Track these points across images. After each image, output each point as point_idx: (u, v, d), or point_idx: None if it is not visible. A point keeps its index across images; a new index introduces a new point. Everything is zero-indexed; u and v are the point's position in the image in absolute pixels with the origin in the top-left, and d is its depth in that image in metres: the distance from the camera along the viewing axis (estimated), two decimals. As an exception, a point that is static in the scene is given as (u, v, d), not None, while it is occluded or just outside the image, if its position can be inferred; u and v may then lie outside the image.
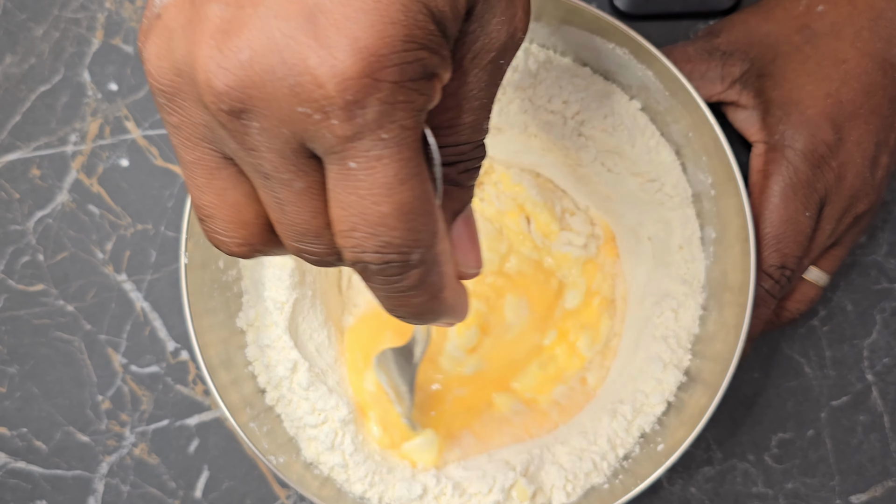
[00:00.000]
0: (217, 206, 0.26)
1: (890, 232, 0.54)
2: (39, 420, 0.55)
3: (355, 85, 0.21)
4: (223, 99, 0.22)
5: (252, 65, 0.22)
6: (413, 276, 0.25)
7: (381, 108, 0.22)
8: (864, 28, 0.47)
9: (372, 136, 0.22)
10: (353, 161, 0.23)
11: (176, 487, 0.54)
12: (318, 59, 0.21)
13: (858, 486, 0.54)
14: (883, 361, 0.54)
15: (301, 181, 0.24)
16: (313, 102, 0.22)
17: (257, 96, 0.22)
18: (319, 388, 0.49)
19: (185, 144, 0.25)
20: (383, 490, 0.49)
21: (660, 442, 0.48)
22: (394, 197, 0.23)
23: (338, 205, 0.23)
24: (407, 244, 0.24)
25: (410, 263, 0.24)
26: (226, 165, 0.25)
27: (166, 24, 0.24)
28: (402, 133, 0.22)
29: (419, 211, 0.23)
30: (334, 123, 0.22)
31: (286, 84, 0.22)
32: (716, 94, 0.49)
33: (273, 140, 0.23)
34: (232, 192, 0.25)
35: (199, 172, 0.25)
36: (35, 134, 0.56)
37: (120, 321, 0.55)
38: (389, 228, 0.23)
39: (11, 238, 0.55)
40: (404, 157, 0.23)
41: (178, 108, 0.24)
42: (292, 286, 0.49)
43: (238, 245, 0.26)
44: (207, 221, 0.26)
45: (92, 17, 0.56)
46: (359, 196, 0.23)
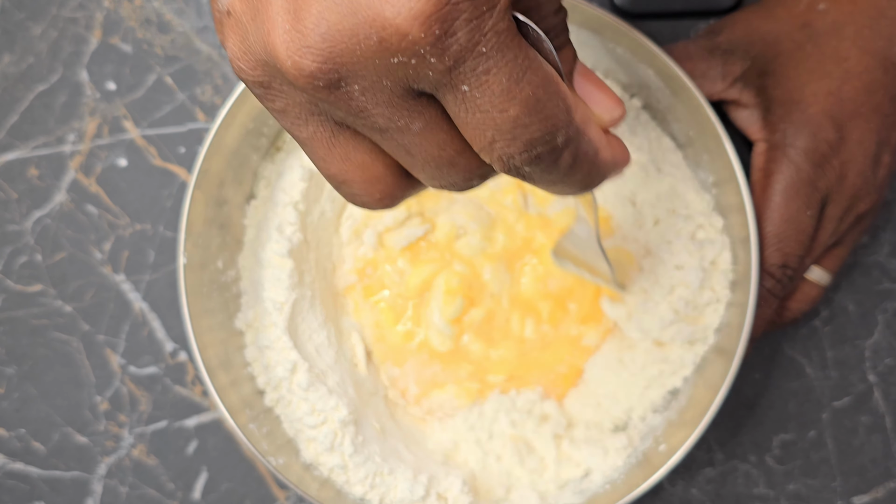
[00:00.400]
0: (347, 172, 0.26)
1: (892, 232, 0.54)
2: (37, 421, 0.55)
3: (437, 18, 0.21)
4: (316, 76, 0.23)
5: (332, 35, 0.22)
6: (566, 156, 0.25)
7: (469, 27, 0.22)
8: (866, 26, 0.47)
9: (472, 55, 0.22)
10: (465, 84, 0.23)
11: (174, 489, 0.54)
12: (394, 9, 0.21)
13: (860, 488, 0.53)
14: (885, 362, 0.54)
15: (418, 122, 0.24)
16: (405, 50, 0.22)
17: (348, 62, 0.22)
18: (319, 389, 0.48)
19: (295, 124, 0.25)
20: (384, 492, 0.48)
21: (661, 443, 0.48)
22: (517, 97, 0.23)
23: (467, 127, 0.24)
24: (548, 132, 0.24)
25: (559, 147, 0.24)
26: (340, 131, 0.25)
27: (237, 19, 0.24)
28: (498, 38, 0.22)
29: (546, 97, 0.23)
30: (433, 61, 0.22)
31: (372, 42, 0.22)
32: (717, 93, 0.49)
33: (378, 95, 0.23)
34: (356, 154, 0.26)
35: (318, 145, 0.26)
36: (33, 133, 0.56)
37: (118, 322, 0.55)
38: (526, 127, 0.23)
39: (9, 238, 0.55)
40: (510, 59, 0.23)
41: (276, 94, 0.25)
42: (291, 287, 0.49)
43: (379, 200, 0.27)
44: (343, 187, 0.26)
45: (90, 16, 0.56)
46: (483, 112, 0.23)
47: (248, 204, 0.51)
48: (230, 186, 0.49)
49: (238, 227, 0.50)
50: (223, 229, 0.49)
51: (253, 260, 0.50)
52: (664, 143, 0.50)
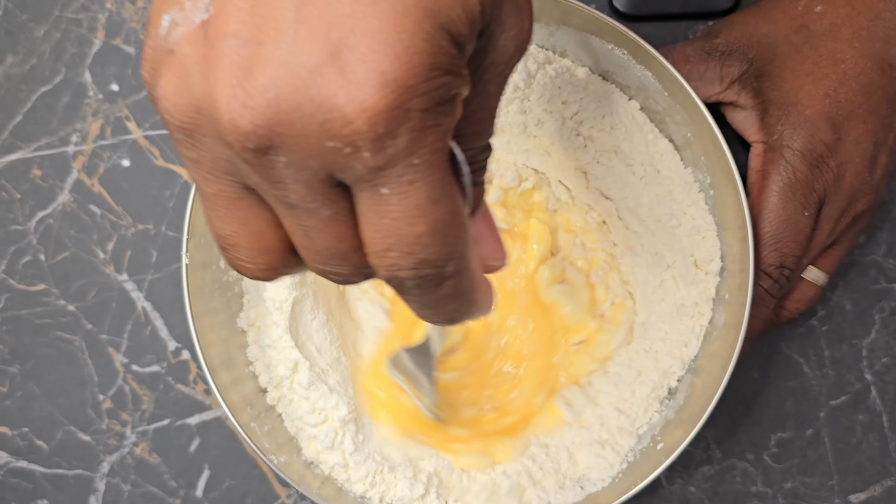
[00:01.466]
0: (240, 236, 0.26)
1: (889, 232, 0.54)
2: (41, 419, 0.55)
3: (385, 118, 0.22)
4: (249, 138, 0.22)
5: (278, 103, 0.22)
6: (448, 285, 0.25)
7: (411, 136, 0.22)
8: (863, 28, 0.47)
9: (403, 163, 0.22)
10: (385, 188, 0.23)
11: (177, 487, 0.54)
12: (347, 95, 0.21)
13: (857, 486, 0.54)
14: (882, 361, 0.54)
15: (328, 209, 0.24)
16: (343, 138, 0.22)
17: (285, 133, 0.22)
18: (320, 388, 0.49)
19: (205, 178, 0.25)
20: (384, 490, 0.49)
21: (659, 441, 0.48)
22: (428, 217, 0.23)
23: (370, 228, 0.24)
24: (442, 258, 0.24)
25: (445, 275, 0.25)
26: (247, 195, 0.25)
27: (180, 60, 0.23)
28: (433, 156, 0.23)
29: (452, 225, 0.24)
30: (366, 156, 0.22)
31: (315, 121, 0.22)
32: (714, 95, 0.49)
33: (300, 172, 0.23)
34: (255, 221, 0.25)
35: (221, 204, 0.25)
36: (36, 134, 0.56)
37: (121, 321, 0.55)
38: (424, 246, 0.23)
39: (12, 238, 0.55)
40: (435, 178, 0.23)
41: (197, 143, 0.24)
42: (292, 286, 0.49)
43: (262, 270, 0.26)
44: (231, 250, 0.26)
45: (93, 17, 0.56)
46: (392, 219, 0.23)
47: (249, 204, 0.51)
48: (232, 187, 0.49)
49: (240, 227, 0.51)
50: (225, 229, 0.50)
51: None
52: (661, 145, 0.50)
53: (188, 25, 0.23)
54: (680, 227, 0.50)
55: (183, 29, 0.23)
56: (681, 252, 0.50)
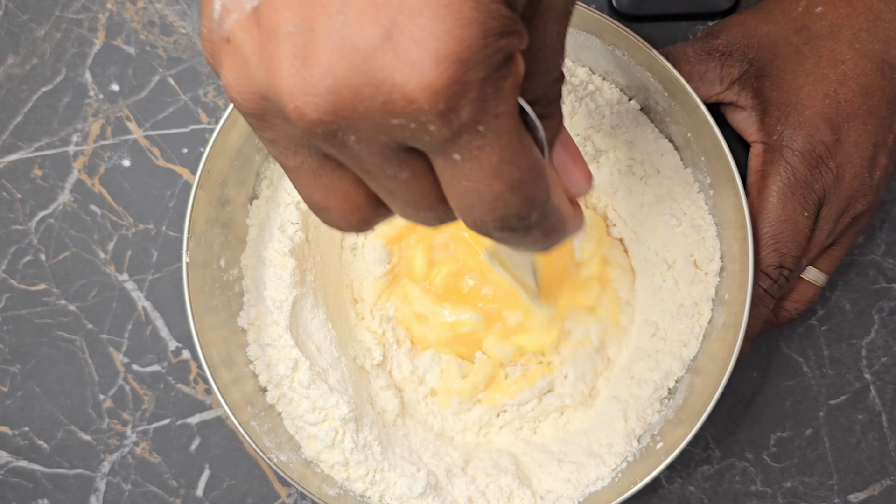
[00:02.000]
0: (329, 199, 0.26)
1: (888, 231, 0.55)
2: (41, 419, 0.55)
3: (445, 94, 0.22)
4: (316, 124, 0.23)
5: (338, 90, 0.22)
6: (536, 230, 0.26)
7: (473, 107, 0.22)
8: (863, 29, 0.47)
9: (470, 131, 0.23)
10: (457, 154, 0.23)
11: (177, 486, 0.55)
12: (404, 76, 0.21)
13: (856, 485, 0.54)
14: (881, 361, 0.54)
15: (406, 172, 0.24)
16: (408, 115, 0.22)
17: (350, 117, 0.22)
18: (320, 387, 0.49)
19: (284, 154, 0.25)
20: (384, 489, 0.49)
21: (658, 440, 0.48)
22: (504, 177, 0.23)
23: (450, 189, 0.24)
24: (525, 210, 0.24)
25: (532, 224, 0.25)
26: (327, 163, 0.26)
27: (238, 49, 0.24)
28: (497, 121, 0.23)
29: (529, 181, 0.24)
30: (432, 129, 0.22)
31: (377, 103, 0.22)
32: (714, 95, 0.49)
33: (372, 146, 0.23)
34: (339, 185, 0.26)
35: (305, 174, 0.26)
36: (37, 134, 0.56)
37: (121, 321, 0.55)
38: (505, 203, 0.24)
39: (13, 238, 0.56)
40: (504, 142, 0.23)
41: (270, 125, 0.25)
42: (293, 285, 0.49)
43: (355, 226, 0.27)
44: (323, 213, 0.27)
45: (94, 17, 0.56)
46: (469, 181, 0.23)
47: (250, 203, 0.51)
48: (233, 186, 0.50)
49: (241, 227, 0.51)
50: (226, 228, 0.50)
51: (255, 259, 0.51)
52: (661, 145, 0.51)
53: (240, 12, 0.23)
54: (680, 226, 0.50)
55: (236, 16, 0.24)
56: (681, 252, 0.50)
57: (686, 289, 0.50)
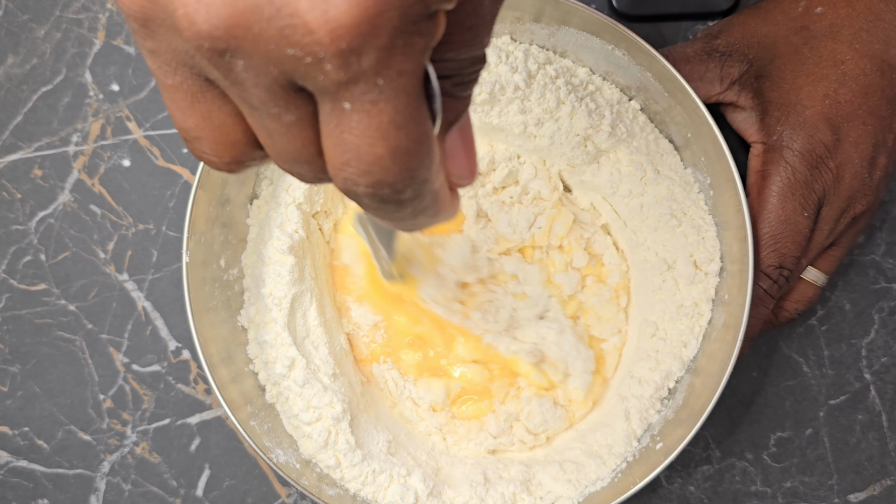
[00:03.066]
0: (203, 129, 0.24)
1: (888, 232, 0.55)
2: (41, 419, 0.55)
3: (351, 33, 0.20)
4: (204, 37, 0.21)
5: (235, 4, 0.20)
6: (406, 206, 0.24)
7: (378, 56, 0.21)
8: (863, 29, 0.47)
9: (368, 82, 0.21)
10: (347, 103, 0.21)
11: (177, 486, 0.55)
12: (309, 5, 0.20)
13: (856, 485, 0.54)
14: (881, 361, 0.54)
15: (291, 114, 0.23)
16: (304, 47, 0.20)
17: (242, 36, 0.21)
18: (315, 386, 0.49)
19: (163, 69, 0.23)
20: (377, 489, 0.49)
21: (658, 440, 0.49)
22: (390, 140, 0.22)
23: (330, 140, 0.22)
24: (401, 182, 0.23)
25: (403, 198, 0.24)
26: (209, 88, 0.24)
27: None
28: (400, 78, 0.21)
29: (415, 152, 0.23)
30: (328, 68, 0.21)
31: (274, 26, 0.20)
32: (714, 95, 0.49)
33: (260, 78, 0.22)
34: (217, 114, 0.24)
35: (182, 97, 0.24)
36: (37, 134, 0.56)
37: (121, 321, 0.55)
38: (383, 168, 0.22)
39: (13, 238, 0.56)
40: (401, 102, 0.22)
41: (153, 33, 0.23)
42: (291, 282, 0.49)
43: (226, 163, 0.25)
44: (194, 143, 0.25)
45: (93, 17, 0.56)
46: (353, 136, 0.22)
47: (250, 203, 0.51)
48: (233, 186, 0.50)
49: (241, 226, 0.51)
50: (226, 228, 0.50)
51: (255, 258, 0.51)
52: (662, 145, 0.51)
53: None
54: (680, 226, 0.50)
55: None
56: (681, 252, 0.50)
57: (686, 289, 0.50)
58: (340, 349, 0.51)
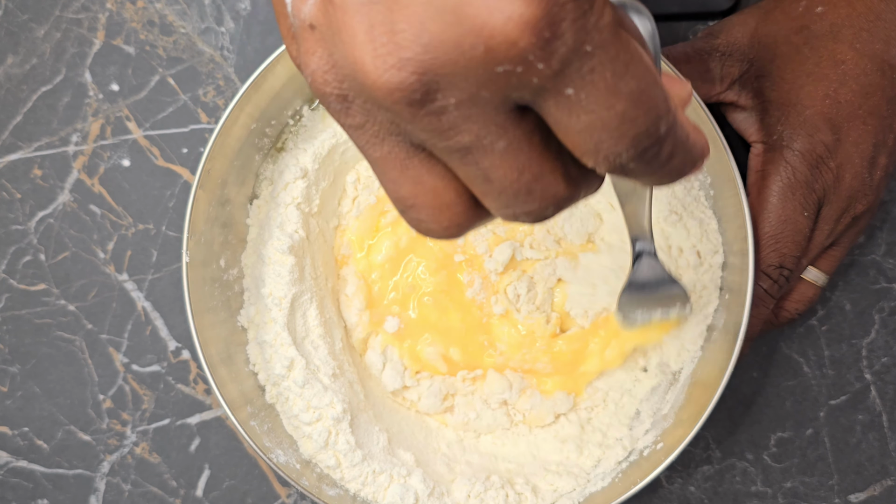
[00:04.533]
0: (417, 195, 0.25)
1: (888, 232, 0.55)
2: (41, 419, 0.55)
3: (546, 22, 0.21)
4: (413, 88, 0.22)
5: (435, 46, 0.21)
6: (667, 145, 0.24)
7: (576, 27, 0.21)
8: (863, 29, 0.47)
9: (578, 56, 0.21)
10: (570, 87, 0.22)
11: (177, 486, 0.55)
12: (502, 15, 0.20)
13: (857, 485, 0.54)
14: (881, 361, 0.54)
15: (504, 140, 0.23)
16: (513, 58, 0.21)
17: (450, 73, 0.21)
18: (314, 386, 0.49)
19: (370, 143, 0.25)
20: (377, 489, 0.49)
21: (659, 441, 0.48)
22: (622, 92, 0.22)
23: (572, 133, 0.23)
24: (653, 123, 0.23)
25: (662, 137, 0.24)
26: (416, 153, 0.24)
27: (320, 32, 0.23)
28: (601, 34, 0.22)
29: (647, 87, 0.23)
30: (540, 67, 0.21)
31: (479, 52, 0.21)
32: (715, 95, 0.49)
33: (472, 108, 0.22)
34: (429, 178, 0.25)
35: (392, 166, 0.25)
36: (36, 134, 0.56)
37: (121, 321, 0.55)
38: (632, 120, 0.23)
39: (13, 238, 0.56)
40: (613, 54, 0.22)
41: (357, 111, 0.24)
42: (291, 282, 0.49)
43: (445, 228, 0.26)
44: (410, 212, 0.26)
45: (93, 17, 0.56)
46: (589, 112, 0.22)
47: (250, 203, 0.51)
48: (233, 186, 0.50)
49: (241, 226, 0.51)
50: (226, 228, 0.50)
51: (255, 258, 0.51)
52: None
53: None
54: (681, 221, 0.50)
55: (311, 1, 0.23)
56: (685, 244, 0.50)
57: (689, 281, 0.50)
58: (340, 349, 0.51)
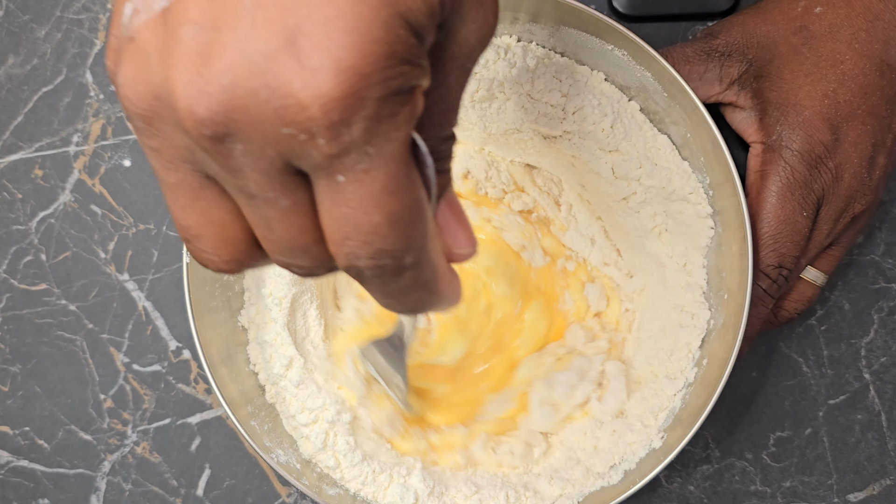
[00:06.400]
0: (203, 226, 0.25)
1: (887, 231, 0.55)
2: (42, 419, 0.55)
3: (340, 105, 0.21)
4: (206, 125, 0.22)
5: (234, 89, 0.22)
6: (408, 276, 0.25)
7: (366, 125, 0.22)
8: (862, 29, 0.47)
9: (358, 151, 0.22)
10: (342, 175, 0.23)
11: (178, 486, 0.55)
12: (302, 82, 0.21)
13: (856, 485, 0.54)
14: (880, 360, 0.54)
15: (287, 199, 0.24)
16: (298, 124, 0.22)
17: (241, 119, 0.22)
18: (309, 387, 0.49)
19: (166, 167, 0.25)
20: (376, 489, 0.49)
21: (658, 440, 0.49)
22: (384, 207, 0.23)
23: (329, 216, 0.24)
24: (400, 249, 0.24)
25: (404, 266, 0.24)
26: (209, 185, 0.25)
27: (141, 47, 0.23)
28: (389, 146, 0.23)
29: (410, 217, 0.24)
30: (321, 143, 0.22)
31: (270, 107, 0.22)
32: (714, 95, 0.49)
33: (257, 161, 0.23)
34: (217, 211, 0.25)
35: (183, 194, 0.25)
36: (37, 134, 0.56)
37: (122, 320, 0.55)
38: (381, 237, 0.23)
39: (14, 238, 0.56)
40: (392, 169, 0.23)
41: (157, 131, 0.24)
42: (292, 282, 0.49)
43: (226, 262, 0.26)
44: (194, 241, 0.26)
45: (94, 18, 0.56)
46: (349, 208, 0.23)
47: (250, 204, 0.51)
48: (233, 187, 0.50)
49: (241, 227, 0.51)
50: (226, 229, 0.50)
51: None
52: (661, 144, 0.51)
53: (149, 13, 0.23)
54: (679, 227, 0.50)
55: (144, 16, 0.23)
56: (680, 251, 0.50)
57: (685, 289, 0.50)
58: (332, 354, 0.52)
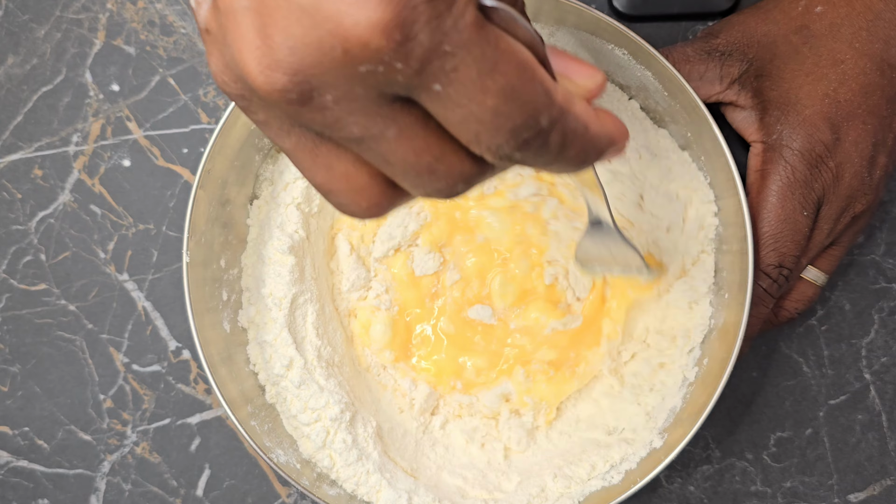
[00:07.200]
0: (331, 181, 0.26)
1: (888, 231, 0.55)
2: (41, 419, 0.55)
3: (395, 25, 0.21)
4: (289, 90, 0.23)
5: (300, 49, 0.22)
6: (555, 136, 0.24)
7: (429, 30, 0.22)
8: (862, 29, 0.47)
9: (437, 55, 0.22)
10: (437, 83, 0.22)
11: (177, 486, 0.55)
12: (353, 19, 0.21)
13: (856, 485, 0.54)
14: (881, 361, 0.54)
15: (392, 129, 0.24)
16: (370, 59, 0.22)
17: (318, 73, 0.22)
18: (311, 387, 0.49)
19: (278, 135, 0.26)
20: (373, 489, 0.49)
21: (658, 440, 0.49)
22: (491, 90, 0.23)
23: (451, 125, 0.23)
24: (530, 117, 0.23)
25: (545, 129, 0.24)
26: (322, 142, 0.25)
27: (213, 37, 0.24)
28: (460, 35, 0.22)
29: (521, 83, 0.23)
30: (399, 66, 0.22)
31: (338, 53, 0.22)
32: (714, 95, 0.49)
33: (351, 104, 0.23)
34: (339, 164, 0.26)
35: (302, 156, 0.26)
36: (37, 134, 0.56)
37: (121, 321, 0.55)
38: (506, 115, 0.23)
39: (13, 238, 0.56)
40: (476, 53, 0.22)
41: (257, 107, 0.25)
42: (292, 282, 0.49)
43: (366, 209, 0.26)
44: (330, 196, 0.26)
45: (94, 17, 0.56)
46: (462, 108, 0.23)
47: (251, 204, 0.51)
48: (233, 186, 0.50)
49: (241, 227, 0.51)
50: (226, 228, 0.50)
51: (255, 258, 0.51)
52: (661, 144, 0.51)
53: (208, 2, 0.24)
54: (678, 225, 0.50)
55: (205, 6, 0.24)
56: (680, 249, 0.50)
57: (685, 288, 0.50)
58: (340, 348, 0.51)
